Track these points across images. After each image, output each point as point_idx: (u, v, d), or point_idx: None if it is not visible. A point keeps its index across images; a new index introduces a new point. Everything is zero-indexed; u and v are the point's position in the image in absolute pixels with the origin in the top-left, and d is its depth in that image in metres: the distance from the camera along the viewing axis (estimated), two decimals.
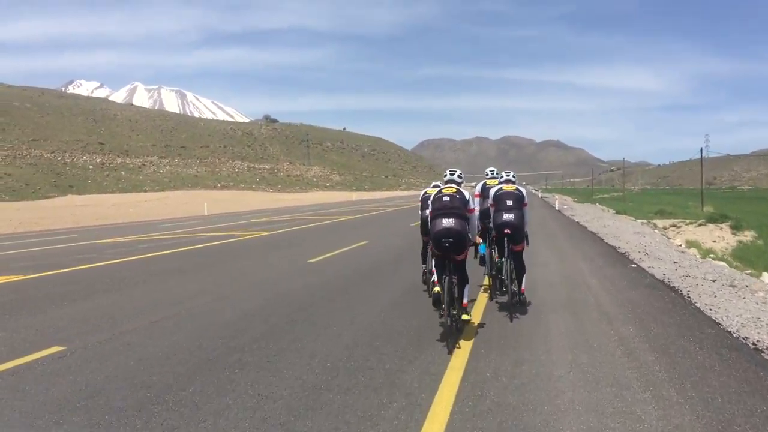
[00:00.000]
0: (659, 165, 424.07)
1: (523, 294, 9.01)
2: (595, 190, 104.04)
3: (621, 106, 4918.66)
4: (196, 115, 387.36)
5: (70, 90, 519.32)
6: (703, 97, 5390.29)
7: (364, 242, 19.52)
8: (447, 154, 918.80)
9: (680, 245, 17.48)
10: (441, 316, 7.50)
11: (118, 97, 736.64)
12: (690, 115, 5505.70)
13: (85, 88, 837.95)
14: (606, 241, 18.70)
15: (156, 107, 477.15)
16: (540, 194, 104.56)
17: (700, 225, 21.91)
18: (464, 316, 7.36)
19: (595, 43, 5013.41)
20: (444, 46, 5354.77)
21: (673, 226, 25.51)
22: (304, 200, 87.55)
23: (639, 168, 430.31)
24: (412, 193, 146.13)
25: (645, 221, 25.50)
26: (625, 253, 15.59)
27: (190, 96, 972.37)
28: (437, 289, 7.18)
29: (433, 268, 7.64)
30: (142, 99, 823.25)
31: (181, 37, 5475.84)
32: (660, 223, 27.31)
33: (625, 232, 19.62)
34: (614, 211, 34.91)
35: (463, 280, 7.35)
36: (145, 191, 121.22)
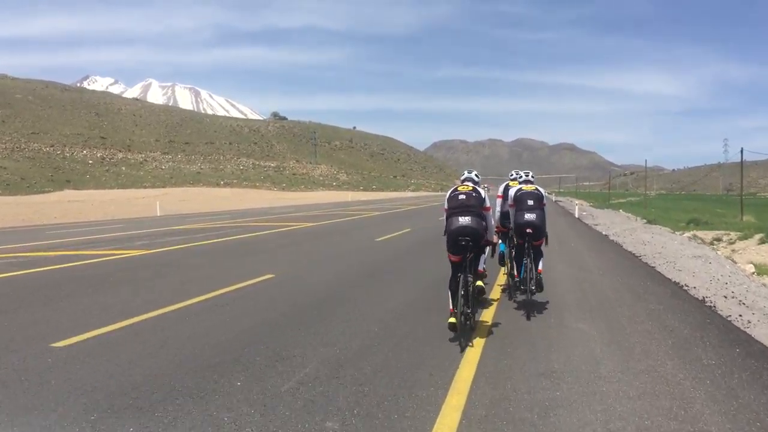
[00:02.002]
0: (674, 170, 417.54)
1: (540, 274, 9.04)
2: (607, 195, 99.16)
3: (635, 110, 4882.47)
4: (210, 112, 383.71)
5: (85, 85, 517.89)
6: (718, 102, 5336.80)
7: (268, 276, 12.04)
8: (460, 155, 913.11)
9: (753, 272, 12.71)
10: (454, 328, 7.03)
11: (132, 93, 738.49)
12: (704, 120, 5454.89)
13: (99, 83, 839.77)
14: (660, 270, 12.71)
15: (170, 104, 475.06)
16: (554, 198, 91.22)
17: (762, 242, 17.06)
18: (478, 283, 7.49)
19: (611, 46, 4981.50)
20: (460, 48, 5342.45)
21: (717, 239, 20.77)
22: (297, 200, 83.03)
23: (653, 172, 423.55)
24: (420, 194, 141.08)
25: (689, 235, 20.50)
26: (704, 299, 9.59)
27: (204, 94, 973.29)
28: (452, 319, 6.92)
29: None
30: (156, 96, 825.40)
31: (197, 34, 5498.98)
32: (700, 235, 22.61)
33: (678, 254, 14.12)
34: (643, 220, 29.88)
35: (480, 253, 7.62)
36: (145, 187, 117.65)
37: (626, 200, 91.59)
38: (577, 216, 36.04)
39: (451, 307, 7.11)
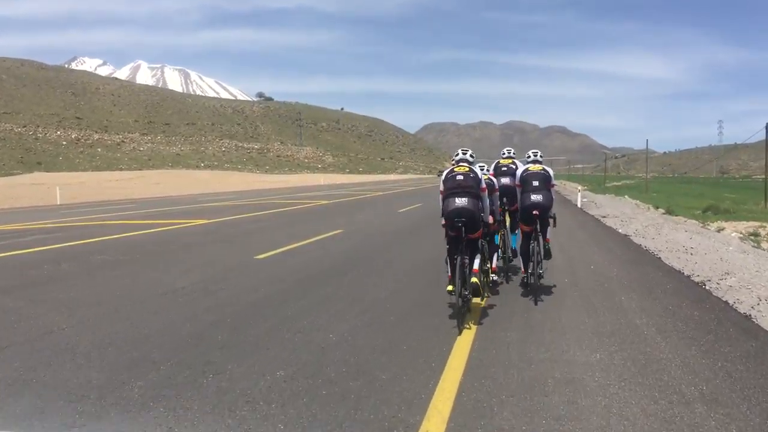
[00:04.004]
0: (664, 153, 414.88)
1: (548, 243, 8.79)
2: (603, 178, 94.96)
3: (626, 93, 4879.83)
4: (200, 94, 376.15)
5: (73, 66, 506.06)
6: (708, 85, 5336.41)
7: None
8: (451, 138, 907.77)
9: None
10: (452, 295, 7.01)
11: (122, 74, 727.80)
12: (695, 104, 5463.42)
13: (88, 65, 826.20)
14: None
15: (159, 85, 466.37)
16: None
17: None
18: (473, 279, 7.13)
19: (603, 29, 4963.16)
20: (452, 31, 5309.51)
21: (755, 234, 16.62)
22: (269, 183, 79.07)
23: (645, 155, 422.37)
24: (403, 177, 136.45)
25: (738, 234, 15.95)
26: None
27: (193, 75, 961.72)
28: (450, 287, 6.96)
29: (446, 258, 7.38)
30: (146, 77, 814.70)
31: (187, 15, 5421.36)
32: (728, 226, 18.44)
33: (759, 279, 8.60)
34: (657, 209, 25.30)
35: (475, 252, 7.30)
36: (121, 170, 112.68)
37: (621, 183, 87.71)
38: (579, 206, 29.51)
39: (449, 273, 7.13)
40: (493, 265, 8.20)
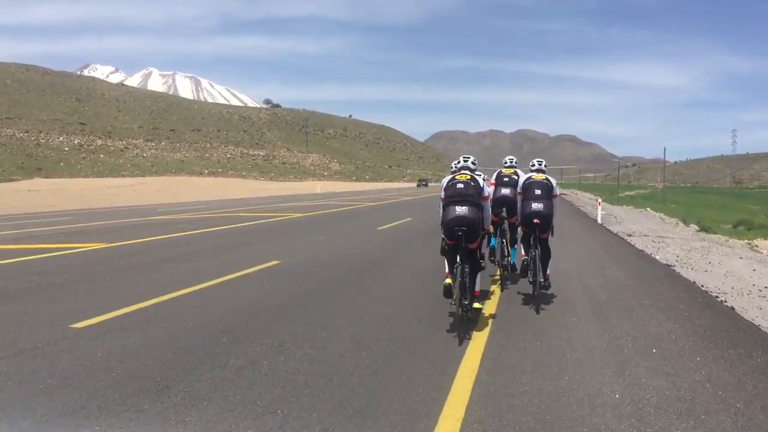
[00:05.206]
0: (675, 162, 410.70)
1: (548, 280, 8.46)
2: (615, 187, 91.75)
3: (636, 102, 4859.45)
4: (210, 101, 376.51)
5: (86, 74, 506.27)
6: (720, 95, 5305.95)
7: None
8: (461, 146, 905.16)
9: None
10: (451, 305, 7.05)
11: (133, 81, 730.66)
12: (706, 113, 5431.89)
13: (100, 72, 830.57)
14: None
15: (170, 93, 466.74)
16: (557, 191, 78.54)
17: None
18: (476, 305, 7.22)
19: (614, 38, 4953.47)
20: (463, 39, 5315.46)
21: None
22: (266, 191, 76.79)
23: (655, 165, 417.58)
24: (412, 185, 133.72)
25: None
26: None
27: (204, 83, 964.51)
28: (448, 280, 6.96)
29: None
30: (157, 84, 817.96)
31: (199, 23, 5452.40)
32: None
33: None
34: (687, 225, 22.23)
35: (475, 269, 7.14)
36: (123, 176, 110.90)
37: (634, 193, 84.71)
38: (600, 221, 24.08)
39: (446, 270, 7.21)
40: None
